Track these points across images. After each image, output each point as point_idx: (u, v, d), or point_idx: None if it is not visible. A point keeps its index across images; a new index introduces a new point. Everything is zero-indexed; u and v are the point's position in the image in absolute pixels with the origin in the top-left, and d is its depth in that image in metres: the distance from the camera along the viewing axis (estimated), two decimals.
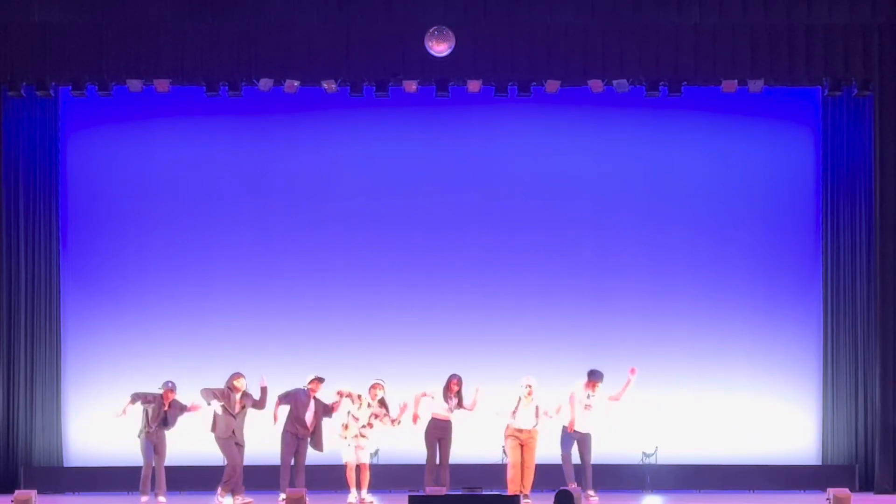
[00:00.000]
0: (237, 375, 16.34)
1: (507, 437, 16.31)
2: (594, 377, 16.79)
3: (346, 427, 16.36)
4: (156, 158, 18.84)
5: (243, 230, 18.85)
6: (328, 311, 18.72)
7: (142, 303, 18.70)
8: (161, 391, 16.46)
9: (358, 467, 16.43)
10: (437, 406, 16.71)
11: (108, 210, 18.85)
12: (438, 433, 16.69)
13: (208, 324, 18.64)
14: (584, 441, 16.81)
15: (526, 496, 16.05)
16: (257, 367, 17.44)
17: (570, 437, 16.79)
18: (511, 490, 16.12)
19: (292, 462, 16.58)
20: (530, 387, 16.15)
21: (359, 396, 16.40)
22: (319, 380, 16.61)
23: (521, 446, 16.21)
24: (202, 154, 18.87)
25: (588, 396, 16.77)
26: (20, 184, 18.42)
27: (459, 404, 16.71)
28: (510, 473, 16.27)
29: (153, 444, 16.50)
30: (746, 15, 17.60)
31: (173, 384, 16.49)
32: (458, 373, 16.76)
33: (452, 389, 16.69)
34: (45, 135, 18.55)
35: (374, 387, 16.39)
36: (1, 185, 18.08)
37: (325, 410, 16.60)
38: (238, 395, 16.29)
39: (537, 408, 16.19)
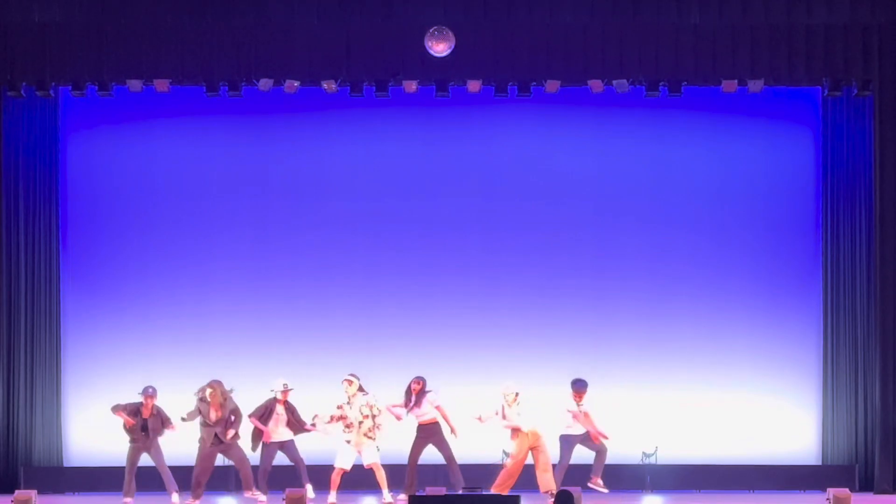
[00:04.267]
0: (206, 387, 16.26)
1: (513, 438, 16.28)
2: (579, 387, 16.65)
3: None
4: (156, 158, 18.84)
5: (243, 230, 18.85)
6: (328, 311, 18.70)
7: (142, 303, 18.70)
8: (141, 397, 16.40)
9: (370, 468, 16.24)
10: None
11: (108, 210, 18.84)
12: (426, 437, 16.61)
13: (208, 324, 18.63)
14: (586, 438, 16.74)
15: (551, 494, 15.78)
16: (256, 366, 17.52)
17: (569, 443, 16.68)
18: (496, 486, 16.04)
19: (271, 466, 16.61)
20: (517, 394, 16.06)
21: (339, 406, 16.18)
22: (287, 390, 16.60)
23: (531, 449, 16.13)
24: (202, 154, 18.87)
25: (579, 407, 16.69)
26: (20, 184, 18.41)
27: (415, 406, 16.49)
28: (510, 468, 16.22)
29: (143, 451, 16.45)
30: (746, 15, 17.59)
31: (153, 389, 16.38)
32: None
33: (412, 390, 16.57)
34: (45, 135, 18.54)
35: (345, 382, 16.16)
36: (1, 185, 18.08)
37: (297, 418, 16.56)
38: (210, 404, 16.19)
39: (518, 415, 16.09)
